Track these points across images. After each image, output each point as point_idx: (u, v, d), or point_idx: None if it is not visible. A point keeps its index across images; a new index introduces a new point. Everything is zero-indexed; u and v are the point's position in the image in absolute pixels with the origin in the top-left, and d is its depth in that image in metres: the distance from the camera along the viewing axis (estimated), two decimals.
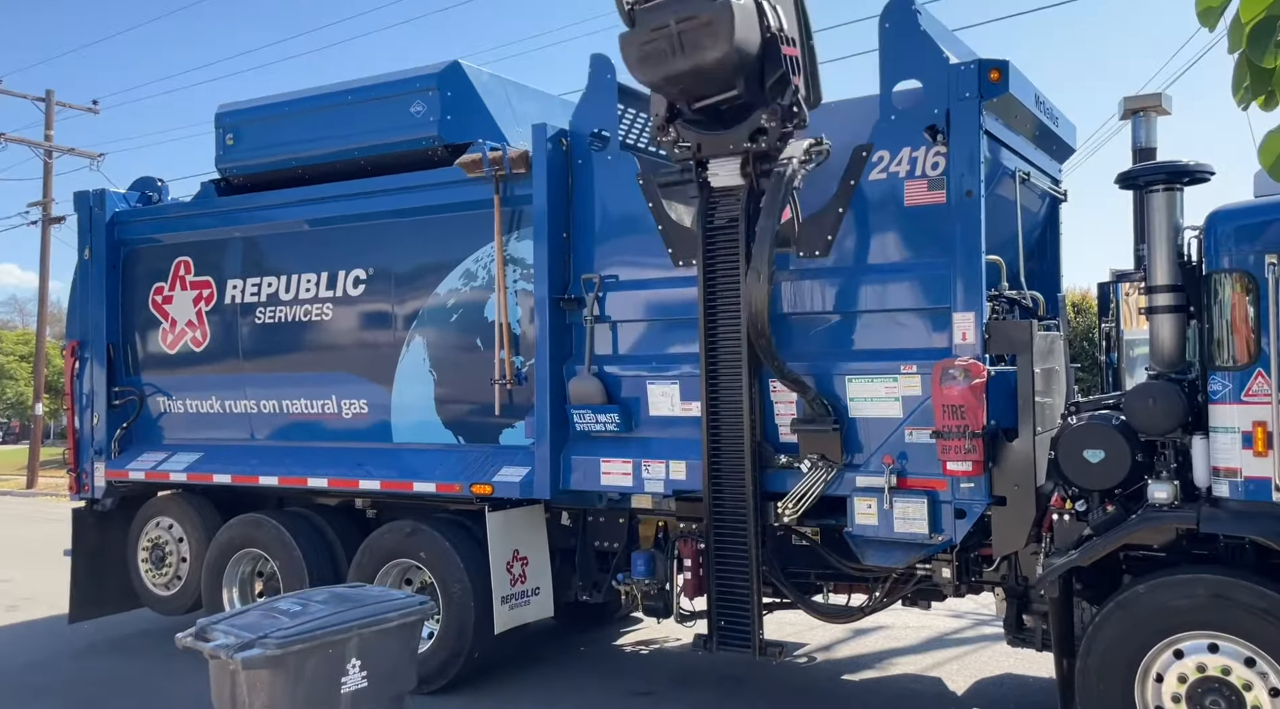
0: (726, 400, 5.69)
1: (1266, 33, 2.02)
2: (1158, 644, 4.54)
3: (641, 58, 5.31)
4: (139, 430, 8.07)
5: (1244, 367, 4.47)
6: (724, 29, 5.04)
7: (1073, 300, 13.19)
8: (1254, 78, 2.09)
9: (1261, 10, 2.03)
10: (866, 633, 7.76)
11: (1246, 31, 2.06)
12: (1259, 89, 2.09)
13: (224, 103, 7.81)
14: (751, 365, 5.59)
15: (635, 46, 5.31)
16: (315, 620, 4.05)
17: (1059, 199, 6.87)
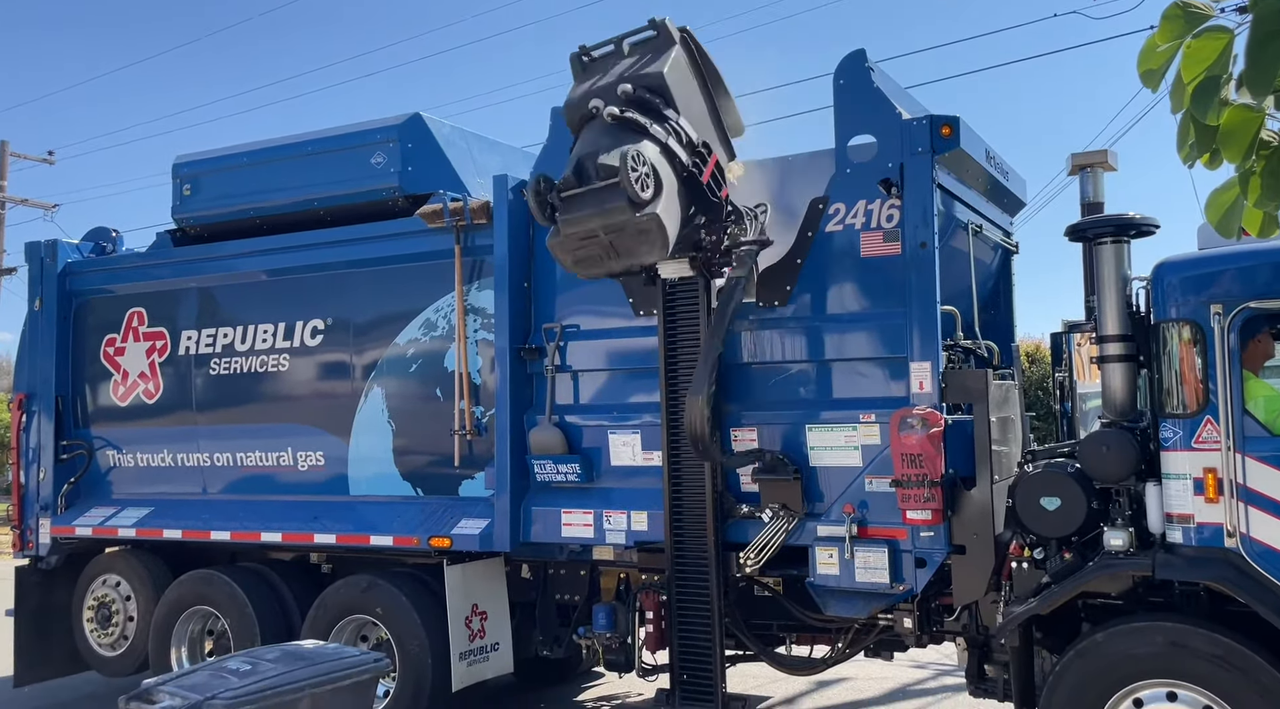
0: (688, 450, 5.68)
1: (1208, 92, 2.09)
2: (1117, 693, 4.54)
3: (576, 261, 5.15)
4: (87, 485, 7.86)
5: (1193, 414, 4.56)
6: (657, 236, 4.93)
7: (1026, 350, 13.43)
8: (1198, 136, 2.16)
9: (1201, 71, 2.10)
10: (830, 684, 7.70)
11: (1189, 91, 2.13)
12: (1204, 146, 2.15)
13: (181, 153, 7.77)
14: (712, 415, 5.60)
15: (568, 252, 5.12)
16: (266, 680, 3.93)
17: (1011, 251, 7.03)
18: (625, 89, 5.12)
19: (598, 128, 5.12)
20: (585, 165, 4.98)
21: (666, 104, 5.18)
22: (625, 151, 4.80)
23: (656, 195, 4.92)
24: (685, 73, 5.36)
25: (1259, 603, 4.33)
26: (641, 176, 4.82)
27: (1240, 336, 4.51)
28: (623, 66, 5.32)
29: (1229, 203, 2.23)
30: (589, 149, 5.03)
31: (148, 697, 3.95)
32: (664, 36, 5.29)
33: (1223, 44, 2.08)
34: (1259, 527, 4.39)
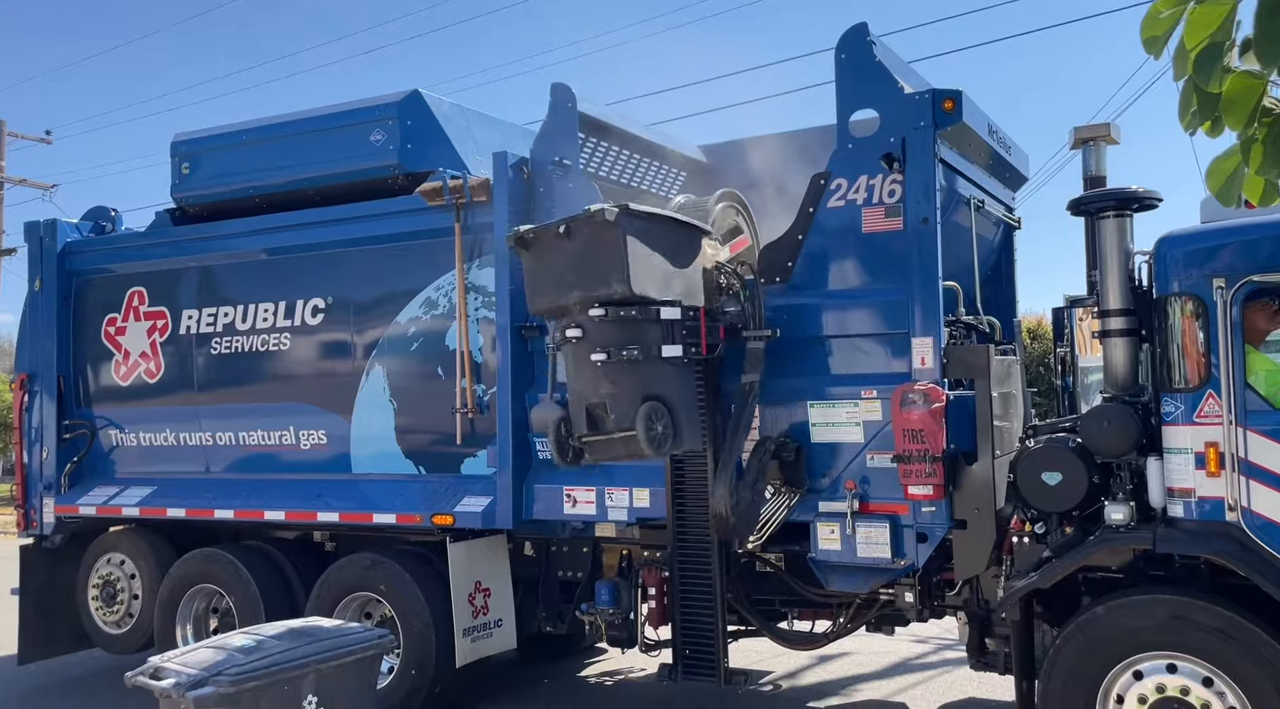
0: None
1: (1211, 58, 2.06)
2: (1117, 665, 4.57)
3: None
4: (90, 465, 7.88)
5: (1195, 388, 4.55)
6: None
7: (1028, 326, 13.41)
8: (1200, 103, 2.13)
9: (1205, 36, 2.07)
10: (831, 659, 7.75)
11: (1191, 57, 2.11)
12: (1205, 114, 2.13)
13: (180, 131, 7.73)
14: (713, 392, 5.60)
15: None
16: (270, 656, 3.95)
17: (1013, 226, 7.00)
18: (599, 314, 4.80)
19: (584, 365, 4.92)
20: (596, 415, 4.94)
21: (645, 302, 4.92)
22: (646, 413, 4.78)
23: (675, 437, 4.97)
24: (647, 257, 4.92)
25: (1259, 576, 4.35)
26: (658, 434, 4.84)
27: (1242, 310, 4.50)
28: (578, 278, 4.89)
29: (1230, 170, 2.21)
30: (591, 395, 4.93)
31: (153, 673, 3.98)
32: (600, 226, 4.83)
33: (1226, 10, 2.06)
34: (1260, 500, 4.40)
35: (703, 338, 5.13)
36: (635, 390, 4.83)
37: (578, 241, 4.85)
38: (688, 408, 5.05)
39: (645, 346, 4.85)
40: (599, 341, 4.83)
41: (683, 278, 5.11)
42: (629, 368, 4.84)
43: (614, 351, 4.80)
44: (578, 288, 4.87)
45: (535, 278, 5.05)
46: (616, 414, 4.82)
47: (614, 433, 4.84)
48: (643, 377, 4.85)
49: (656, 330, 4.89)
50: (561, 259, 4.91)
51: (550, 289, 4.97)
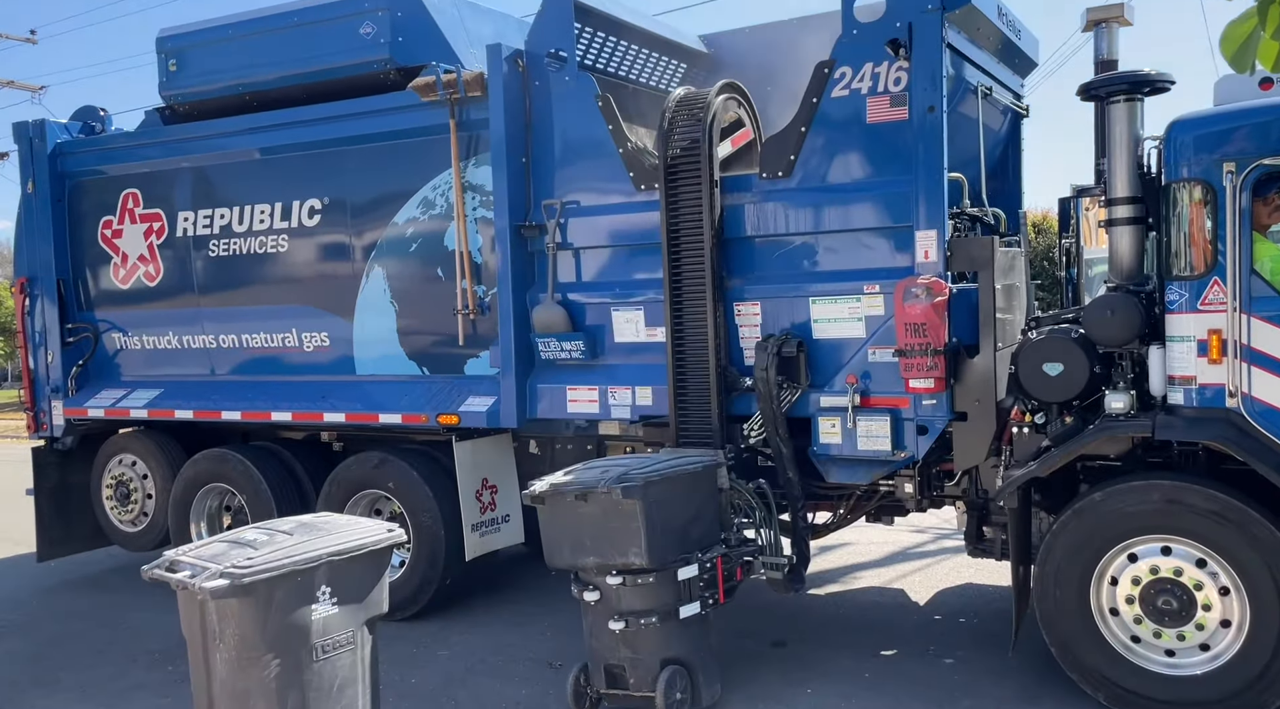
0: (691, 325, 5.68)
1: None
2: (1112, 549, 4.67)
3: None
4: (96, 367, 7.93)
5: (1201, 276, 4.53)
6: None
7: (1034, 221, 13.28)
8: None
9: None
10: (831, 549, 7.93)
11: None
12: None
13: (166, 27, 7.51)
14: (715, 290, 5.57)
15: None
16: (283, 549, 4.03)
17: (1021, 115, 6.85)
18: (615, 582, 4.77)
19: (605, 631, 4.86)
20: (614, 673, 4.92)
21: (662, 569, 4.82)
22: (666, 681, 4.76)
23: (692, 697, 4.95)
24: (664, 524, 4.81)
25: (1258, 460, 4.40)
26: (676, 703, 4.79)
27: (1252, 195, 4.44)
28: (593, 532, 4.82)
29: (1245, 35, 2.14)
30: (610, 657, 4.91)
31: (169, 566, 4.06)
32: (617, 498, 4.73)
33: None
34: (1261, 386, 4.42)
35: (720, 587, 5.05)
36: (654, 655, 4.85)
37: (594, 507, 4.77)
38: (707, 664, 5.05)
39: (663, 611, 4.81)
40: (617, 608, 4.83)
41: (699, 524, 5.05)
42: (648, 633, 4.84)
43: (632, 620, 4.80)
44: (594, 554, 4.83)
45: (551, 535, 5.00)
46: (636, 679, 4.88)
47: (634, 693, 4.90)
48: (662, 640, 4.85)
49: (674, 591, 4.84)
50: (579, 522, 4.85)
51: (567, 550, 4.93)
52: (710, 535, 5.11)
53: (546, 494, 4.93)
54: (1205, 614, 4.54)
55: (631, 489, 4.68)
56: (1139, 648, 4.67)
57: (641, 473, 4.78)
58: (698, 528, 5.03)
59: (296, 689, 3.98)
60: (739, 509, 5.47)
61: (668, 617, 4.82)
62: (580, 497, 4.80)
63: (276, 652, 3.93)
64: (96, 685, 5.75)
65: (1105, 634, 4.71)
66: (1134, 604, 4.66)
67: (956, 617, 6.34)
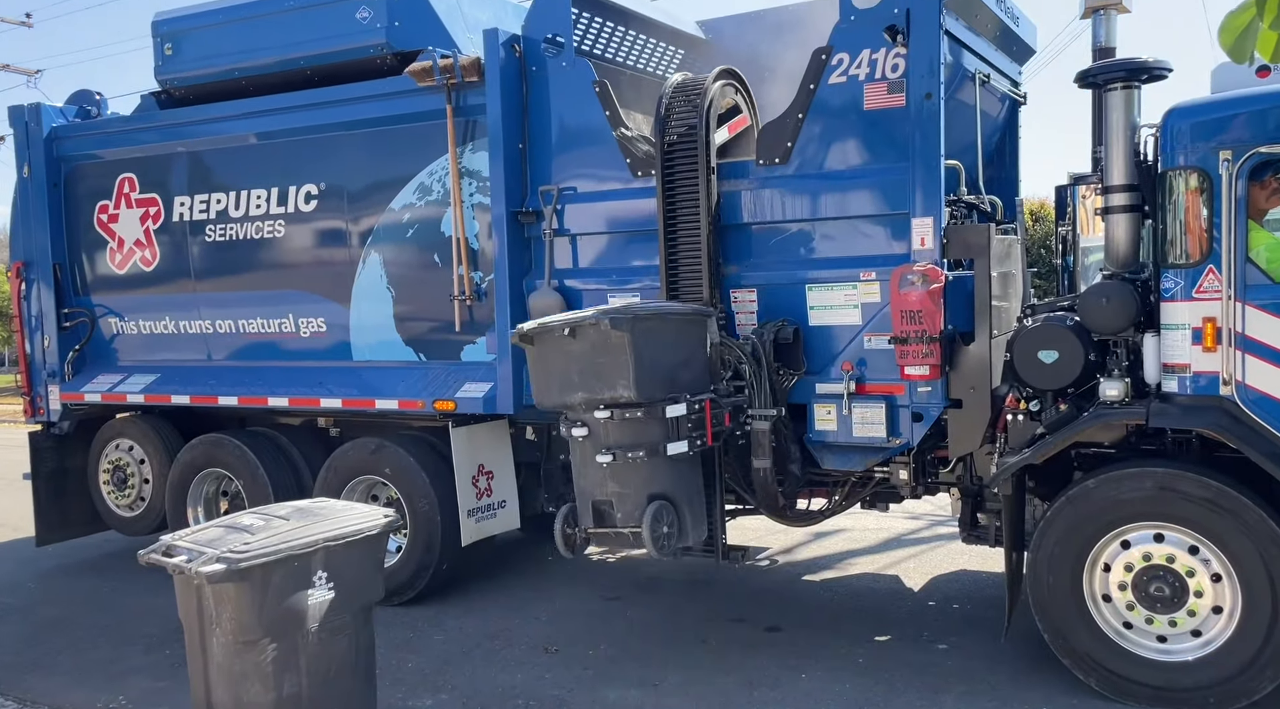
0: None
1: None
2: (1106, 536, 4.69)
3: None
4: (92, 352, 7.93)
5: (1196, 264, 4.53)
6: None
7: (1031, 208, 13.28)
8: None
9: None
10: (826, 536, 7.96)
11: None
12: None
13: (161, 11, 7.48)
14: (712, 277, 5.57)
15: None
16: (280, 534, 4.04)
17: (1018, 102, 6.84)
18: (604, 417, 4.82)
19: (592, 466, 4.92)
20: (603, 511, 4.95)
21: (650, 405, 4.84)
22: (652, 515, 4.75)
23: (681, 535, 4.97)
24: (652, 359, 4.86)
25: (1251, 448, 4.42)
26: (662, 536, 4.79)
27: (1248, 183, 4.44)
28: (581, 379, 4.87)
29: (1244, 25, 2.15)
30: (597, 493, 4.94)
31: (166, 551, 4.08)
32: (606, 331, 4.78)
33: None
34: (1255, 374, 4.44)
35: (708, 429, 5.07)
36: (641, 490, 4.88)
37: (583, 343, 4.78)
38: (693, 501, 5.08)
39: (651, 446, 4.82)
40: (605, 443, 4.84)
41: (689, 368, 5.07)
42: (635, 468, 4.85)
43: (619, 454, 4.81)
44: (583, 389, 4.84)
45: (540, 374, 5.01)
46: (623, 513, 4.89)
47: (621, 529, 4.91)
48: (648, 475, 4.87)
49: (661, 428, 4.85)
50: (566, 359, 4.86)
51: (555, 388, 4.95)
52: (699, 384, 5.13)
53: (535, 332, 4.93)
54: (1197, 601, 4.56)
55: (620, 321, 4.70)
56: (1131, 634, 4.70)
57: (631, 309, 4.83)
58: (687, 374, 5.04)
59: (293, 673, 4.00)
60: (728, 365, 5.46)
61: (655, 452, 4.82)
62: (569, 332, 4.81)
63: (273, 636, 3.95)
64: (94, 669, 5.77)
65: (1098, 620, 4.74)
66: (1126, 590, 4.68)
67: (950, 603, 6.38)
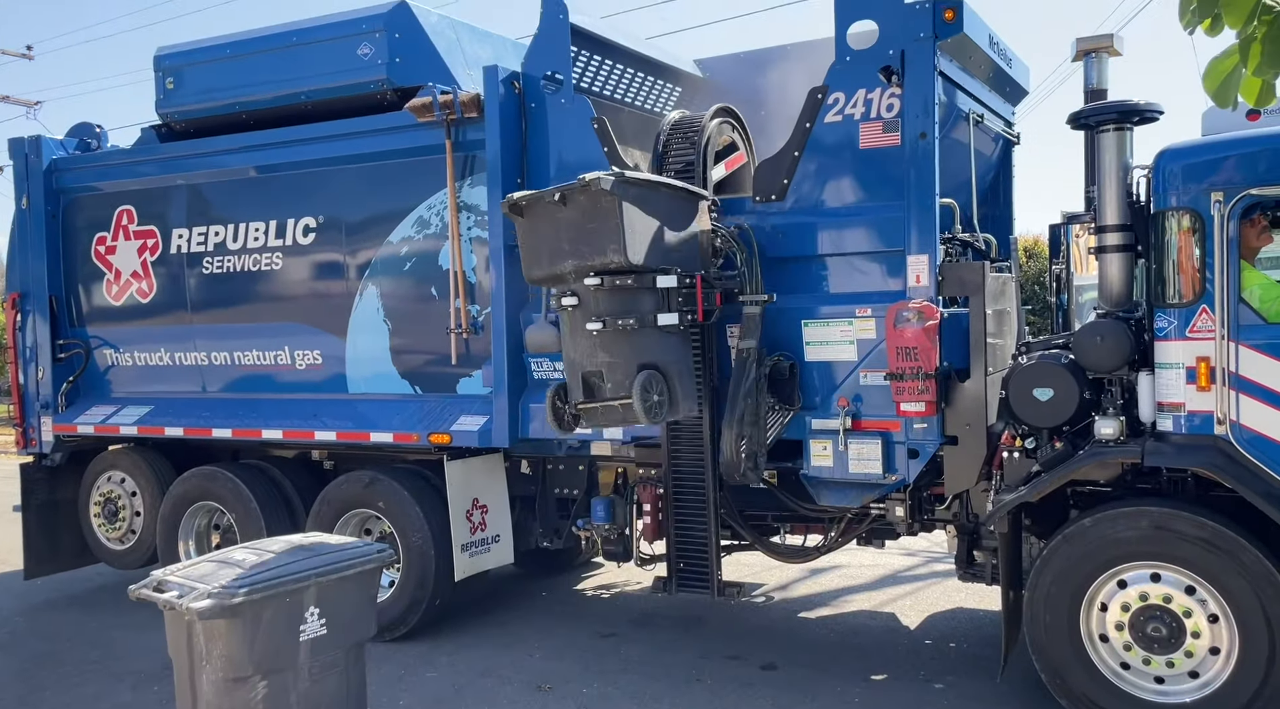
0: None
1: None
2: (1102, 575, 4.67)
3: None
4: (86, 384, 7.91)
5: (1189, 303, 4.56)
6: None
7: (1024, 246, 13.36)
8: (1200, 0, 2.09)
9: None
10: (822, 572, 7.92)
11: None
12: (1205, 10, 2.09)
13: (163, 45, 7.55)
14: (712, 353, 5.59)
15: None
16: (272, 569, 4.02)
17: (1012, 142, 6.91)
18: (594, 284, 4.83)
19: (582, 335, 4.93)
20: (593, 383, 4.95)
21: (642, 270, 4.89)
22: (642, 382, 4.75)
23: (670, 404, 4.96)
24: (644, 225, 4.85)
25: (1246, 487, 4.42)
26: (653, 403, 4.80)
27: (1239, 224, 4.48)
28: (573, 245, 4.86)
29: (1228, 71, 2.18)
30: (588, 363, 4.94)
31: (157, 586, 4.04)
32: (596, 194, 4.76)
33: None
34: (1249, 414, 4.45)
35: (699, 304, 5.10)
36: (631, 359, 4.86)
37: (573, 210, 4.78)
38: (684, 375, 5.07)
39: (641, 315, 4.84)
40: (595, 311, 4.83)
41: (680, 244, 5.07)
42: (625, 337, 4.84)
43: (610, 321, 4.80)
44: (573, 257, 4.83)
45: (530, 246, 4.99)
46: (613, 383, 4.86)
47: (610, 401, 4.88)
48: (639, 345, 4.86)
49: (652, 299, 4.88)
50: (556, 227, 4.85)
51: (545, 258, 4.93)
52: (691, 263, 5.14)
53: (526, 202, 4.90)
54: (1194, 641, 4.54)
55: (611, 183, 4.68)
56: (1129, 675, 4.67)
57: (623, 173, 4.85)
58: (678, 251, 5.04)
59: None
60: (720, 253, 5.46)
61: (645, 322, 4.80)
62: (560, 198, 4.78)
63: (264, 673, 3.92)
64: (81, 705, 5.70)
65: (1095, 660, 4.71)
66: (1124, 630, 4.66)
67: (947, 641, 6.34)
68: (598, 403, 4.92)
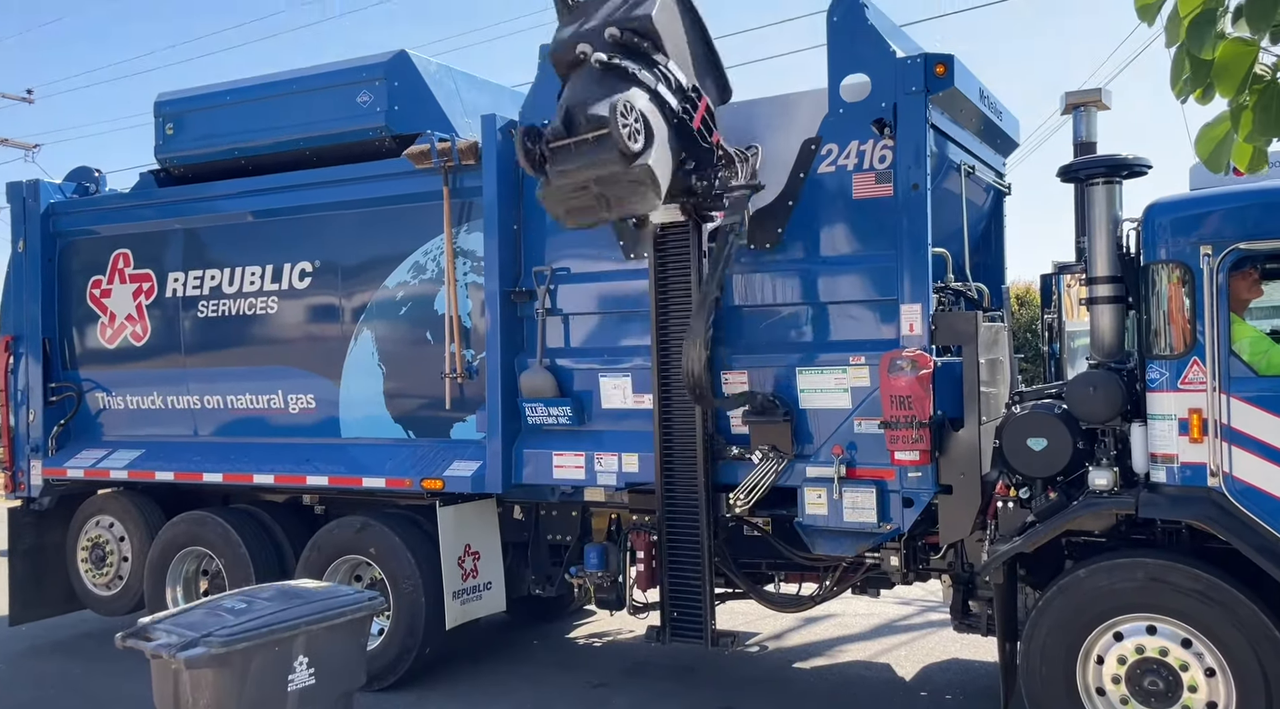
0: (678, 392, 5.70)
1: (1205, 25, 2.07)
2: (1098, 627, 4.64)
3: (568, 212, 5.07)
4: (77, 427, 7.87)
5: (1180, 355, 4.59)
6: (650, 187, 4.86)
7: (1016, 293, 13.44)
8: (1193, 70, 2.14)
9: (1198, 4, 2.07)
10: (817, 621, 7.85)
11: (1185, 25, 2.11)
12: (1198, 81, 2.14)
13: (164, 92, 7.64)
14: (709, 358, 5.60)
15: (559, 203, 5.04)
16: (261, 617, 3.98)
17: (1003, 192, 7.00)
18: (612, 33, 5.06)
19: (585, 75, 5.04)
20: (574, 115, 4.90)
21: (655, 48, 5.12)
22: (615, 102, 4.74)
23: (648, 146, 4.86)
24: (674, 14, 5.27)
25: (1239, 540, 4.41)
26: (631, 128, 4.78)
27: (1228, 278, 4.53)
28: (609, 8, 5.21)
29: (1219, 137, 2.23)
30: (577, 98, 4.96)
31: (144, 634, 4.00)
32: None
33: None
34: (1241, 466, 4.45)
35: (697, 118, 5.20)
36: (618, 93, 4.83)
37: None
38: (664, 146, 4.98)
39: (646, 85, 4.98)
40: (602, 48, 4.98)
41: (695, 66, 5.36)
42: (623, 80, 4.90)
43: (613, 55, 4.94)
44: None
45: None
46: (595, 110, 4.77)
47: (585, 134, 4.76)
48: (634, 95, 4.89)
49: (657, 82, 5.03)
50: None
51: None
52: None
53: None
54: (1191, 695, 4.50)
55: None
56: None
57: None
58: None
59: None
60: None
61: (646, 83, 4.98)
62: None
63: None
64: None
65: None
66: (1120, 684, 4.62)
67: (943, 693, 6.27)
68: (570, 138, 4.81)
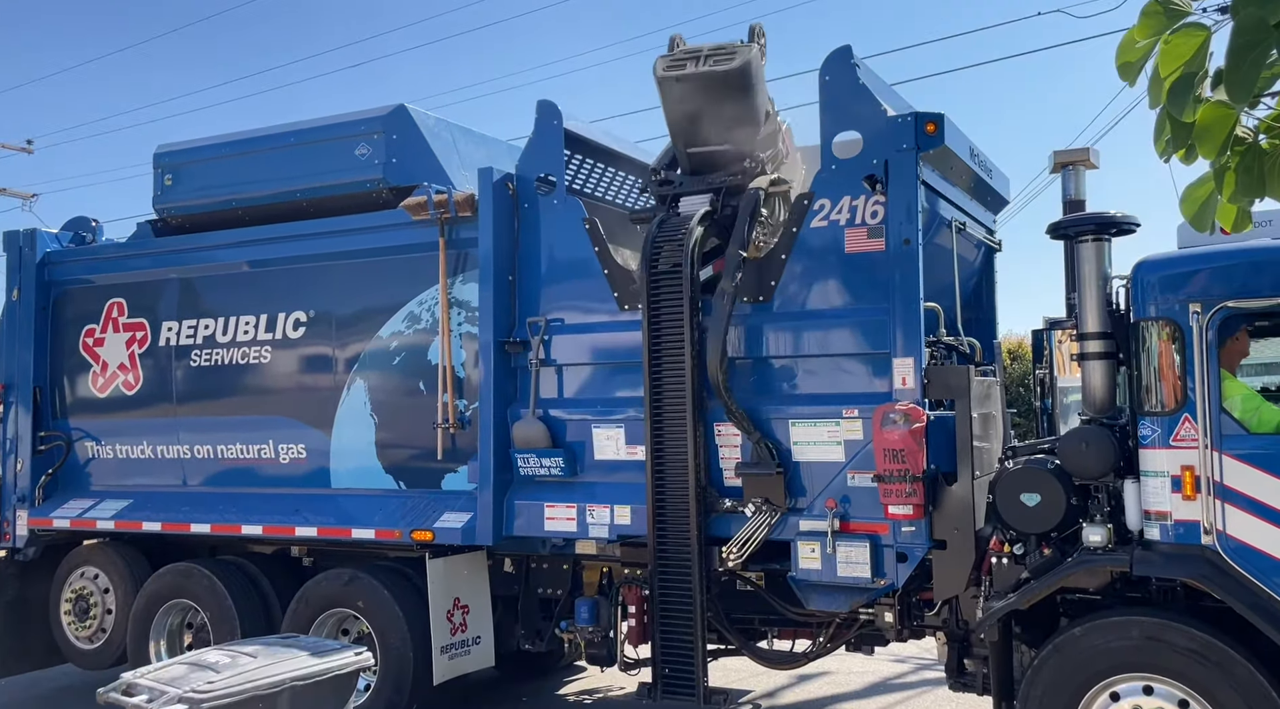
0: (671, 444, 5.68)
1: (1184, 89, 2.11)
2: (1094, 687, 4.58)
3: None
4: (66, 476, 7.80)
5: (1172, 412, 4.59)
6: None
7: (1008, 348, 13.49)
8: (1174, 131, 2.18)
9: (1178, 67, 2.12)
10: (811, 678, 7.73)
11: (1165, 87, 2.15)
12: (1179, 142, 2.17)
13: (163, 143, 7.72)
14: (696, 409, 5.61)
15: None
16: (245, 673, 3.91)
17: (994, 248, 7.07)
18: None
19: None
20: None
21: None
22: None
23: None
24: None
25: (1234, 599, 4.37)
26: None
27: (1218, 335, 4.55)
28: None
29: (1204, 197, 2.26)
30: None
31: (126, 690, 3.93)
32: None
33: (1199, 41, 2.10)
34: (1235, 524, 4.43)
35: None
36: None
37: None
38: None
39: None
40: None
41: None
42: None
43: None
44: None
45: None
46: None
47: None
48: None
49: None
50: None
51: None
52: None
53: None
54: None
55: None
56: None
57: None
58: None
59: None
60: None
61: None
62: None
63: None
64: None
65: None
66: None
67: None
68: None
